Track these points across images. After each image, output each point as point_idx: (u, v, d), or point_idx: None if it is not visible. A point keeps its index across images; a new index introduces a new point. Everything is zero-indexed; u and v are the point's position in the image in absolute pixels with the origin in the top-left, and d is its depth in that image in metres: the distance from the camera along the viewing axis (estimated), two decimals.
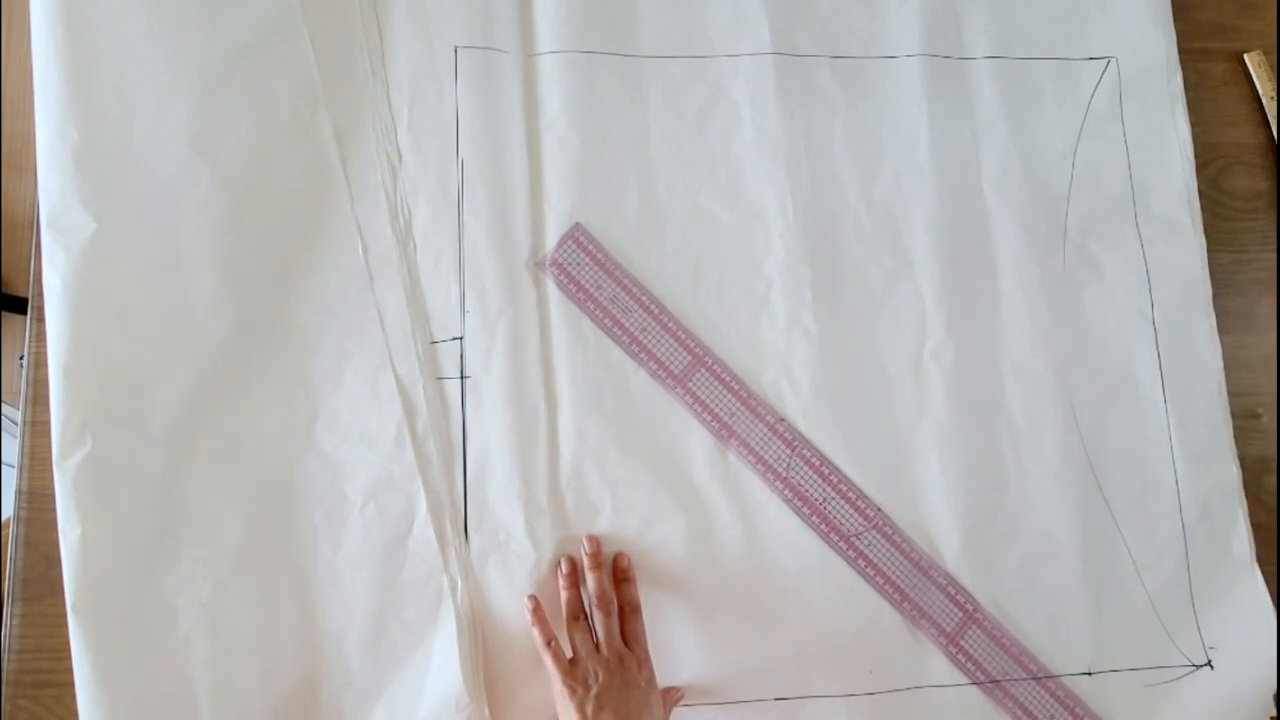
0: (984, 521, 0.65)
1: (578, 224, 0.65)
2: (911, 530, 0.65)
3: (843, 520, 0.64)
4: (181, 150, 0.60)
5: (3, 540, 0.81)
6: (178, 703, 0.57)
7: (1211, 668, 0.66)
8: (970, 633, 0.64)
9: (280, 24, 0.63)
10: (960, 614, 0.64)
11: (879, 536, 0.64)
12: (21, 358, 0.64)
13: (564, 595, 0.60)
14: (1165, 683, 0.65)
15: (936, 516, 0.65)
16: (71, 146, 0.59)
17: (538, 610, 0.60)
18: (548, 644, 0.58)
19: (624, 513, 0.63)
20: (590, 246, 0.65)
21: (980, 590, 0.64)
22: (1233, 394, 0.69)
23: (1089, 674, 0.65)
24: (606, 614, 0.59)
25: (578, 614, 0.60)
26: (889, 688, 0.64)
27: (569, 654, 0.59)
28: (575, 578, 0.61)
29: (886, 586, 0.64)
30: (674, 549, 0.63)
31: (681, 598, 0.63)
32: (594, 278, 0.65)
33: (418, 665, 0.60)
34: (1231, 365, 0.70)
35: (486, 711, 0.59)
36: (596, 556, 0.61)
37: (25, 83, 0.60)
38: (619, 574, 0.61)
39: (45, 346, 0.58)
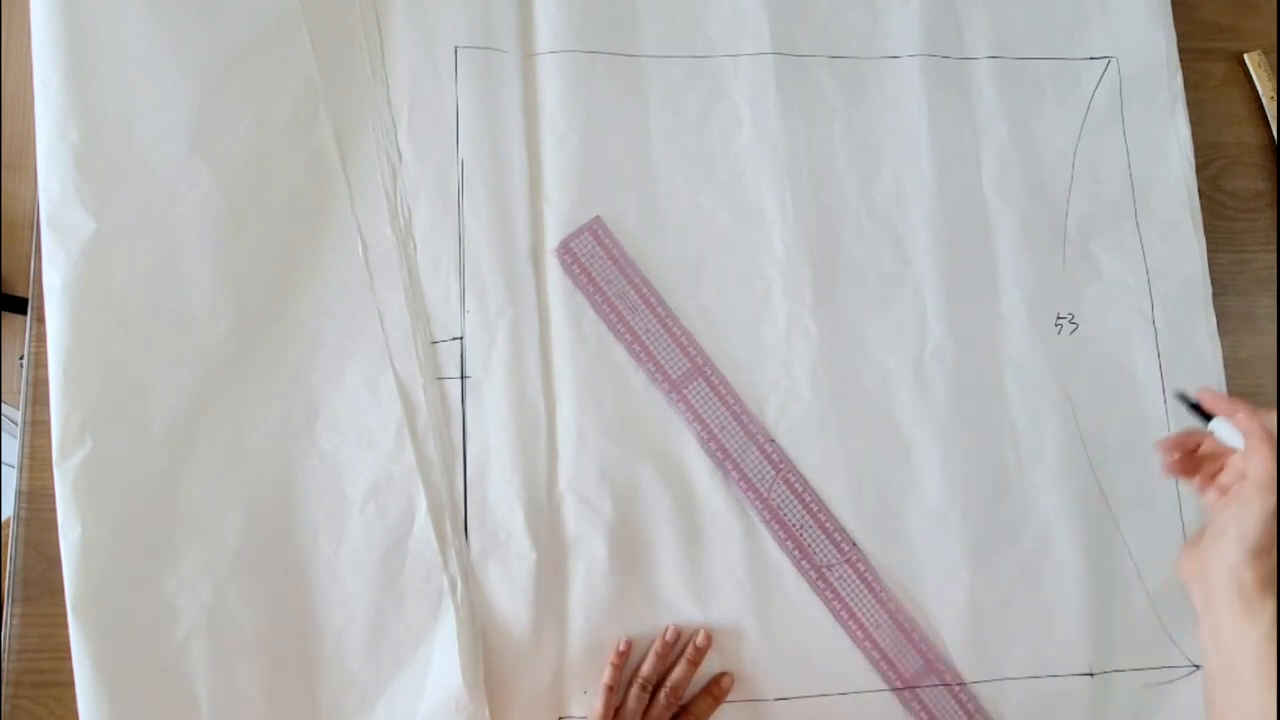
0: (984, 522, 0.65)
1: (597, 217, 0.65)
2: (912, 531, 0.65)
3: (817, 550, 0.64)
4: (181, 150, 0.60)
5: (3, 540, 0.81)
6: (178, 703, 0.57)
7: None
8: (928, 683, 0.63)
9: (280, 24, 0.63)
10: (921, 661, 0.63)
11: (850, 572, 0.64)
12: (21, 358, 0.64)
13: (646, 667, 0.60)
14: (1165, 683, 0.65)
15: (936, 516, 0.65)
16: (71, 146, 0.58)
17: (625, 654, 0.60)
18: (608, 688, 0.59)
19: (623, 513, 0.63)
20: (606, 241, 0.65)
21: (980, 589, 0.64)
22: (1233, 394, 0.69)
23: (1089, 674, 0.65)
24: (668, 705, 0.59)
25: (646, 685, 0.60)
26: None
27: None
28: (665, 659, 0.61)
29: (850, 623, 0.63)
30: (673, 548, 0.63)
31: (680, 596, 0.63)
32: (605, 271, 0.65)
33: (418, 665, 0.60)
34: (1231, 365, 0.70)
35: (486, 712, 0.59)
36: (674, 646, 0.61)
37: (25, 83, 0.60)
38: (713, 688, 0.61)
39: (45, 346, 0.58)
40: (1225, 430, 0.47)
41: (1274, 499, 0.41)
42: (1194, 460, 0.49)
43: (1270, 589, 0.41)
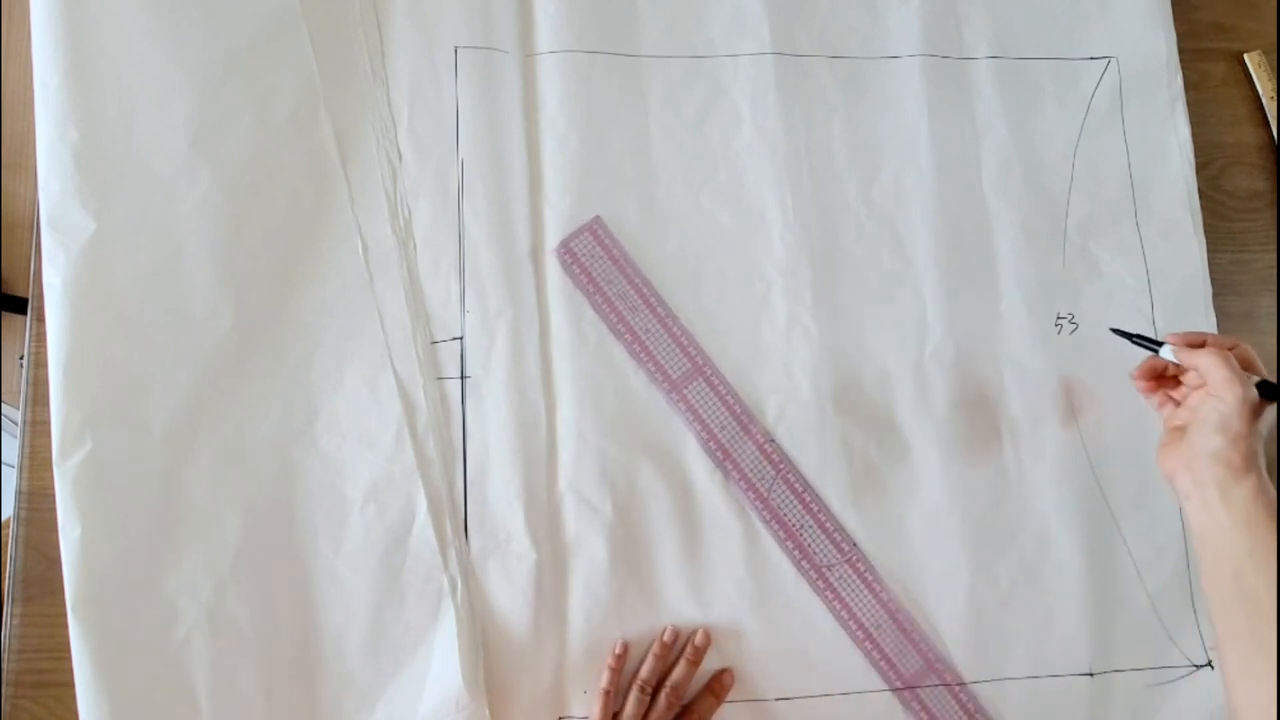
0: (984, 522, 0.65)
1: (597, 217, 0.65)
2: (912, 531, 0.65)
3: (817, 550, 0.64)
4: (181, 150, 0.60)
5: (3, 540, 0.81)
6: (178, 703, 0.57)
7: (1212, 668, 0.66)
8: (928, 683, 0.63)
9: (280, 24, 0.63)
10: (921, 661, 0.63)
11: (850, 572, 0.64)
12: (21, 358, 0.64)
13: (645, 669, 0.60)
14: (1165, 683, 0.65)
15: (936, 516, 0.65)
16: (71, 146, 0.58)
17: (622, 657, 0.60)
18: (605, 692, 0.59)
19: (623, 513, 0.63)
20: (606, 241, 0.65)
21: (980, 589, 0.64)
22: None
23: (1090, 674, 0.65)
24: (669, 706, 0.59)
25: (645, 687, 0.60)
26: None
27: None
28: (663, 658, 0.61)
29: (850, 623, 0.63)
30: (673, 548, 0.63)
31: (680, 597, 0.63)
32: (605, 271, 0.65)
33: (418, 665, 0.60)
34: None
35: (486, 712, 0.59)
36: (673, 647, 0.61)
37: (25, 83, 0.60)
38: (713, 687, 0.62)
39: (45, 346, 0.58)
40: (1172, 355, 0.56)
41: (1240, 390, 0.50)
42: (1160, 381, 0.59)
43: (1252, 463, 0.50)
